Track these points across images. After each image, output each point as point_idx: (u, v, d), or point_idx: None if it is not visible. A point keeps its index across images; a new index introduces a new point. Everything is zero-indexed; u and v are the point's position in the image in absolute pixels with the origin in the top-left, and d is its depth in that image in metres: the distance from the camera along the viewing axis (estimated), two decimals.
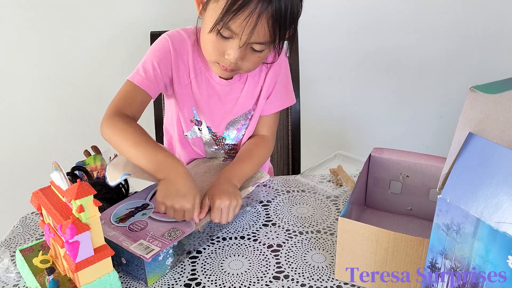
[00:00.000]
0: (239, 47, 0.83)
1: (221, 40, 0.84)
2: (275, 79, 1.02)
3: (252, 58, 0.87)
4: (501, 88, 0.54)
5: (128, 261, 0.78)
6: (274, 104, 1.04)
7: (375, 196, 0.94)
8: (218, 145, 1.06)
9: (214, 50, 0.86)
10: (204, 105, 1.00)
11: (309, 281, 0.78)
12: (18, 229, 0.94)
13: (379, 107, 1.81)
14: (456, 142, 0.57)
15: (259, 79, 1.01)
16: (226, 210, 0.84)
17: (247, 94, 1.01)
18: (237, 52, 0.84)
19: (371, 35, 1.67)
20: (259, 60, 0.89)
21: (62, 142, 1.72)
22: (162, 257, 0.78)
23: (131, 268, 0.78)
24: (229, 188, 0.87)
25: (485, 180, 0.54)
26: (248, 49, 0.85)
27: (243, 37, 0.81)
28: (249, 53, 0.86)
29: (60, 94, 1.66)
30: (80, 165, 1.00)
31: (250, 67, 0.90)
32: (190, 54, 0.96)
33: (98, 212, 0.67)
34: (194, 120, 1.03)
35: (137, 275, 0.78)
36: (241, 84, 1.00)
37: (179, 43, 0.95)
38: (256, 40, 0.82)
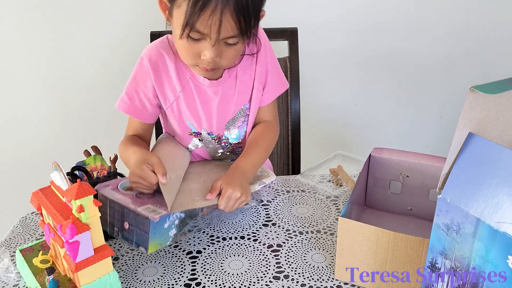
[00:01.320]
0: (212, 46, 0.83)
1: (193, 43, 0.84)
2: (265, 68, 1.01)
3: (229, 52, 0.86)
4: (501, 88, 0.54)
5: (132, 225, 0.77)
6: (271, 92, 1.04)
7: (375, 196, 0.94)
8: (223, 148, 1.06)
9: (189, 54, 0.86)
10: (199, 114, 0.99)
11: (309, 281, 0.78)
12: (18, 229, 0.94)
13: (379, 107, 1.81)
14: (456, 142, 0.57)
15: (250, 71, 1.00)
16: (234, 201, 0.86)
17: (242, 89, 1.00)
18: (211, 51, 0.84)
19: (371, 35, 1.68)
20: (236, 53, 0.88)
21: (62, 142, 1.72)
22: (168, 225, 0.77)
23: (133, 234, 0.77)
24: (243, 183, 0.89)
25: (485, 180, 0.54)
26: (222, 45, 0.85)
27: (212, 36, 0.81)
28: (224, 48, 0.85)
29: (60, 94, 1.66)
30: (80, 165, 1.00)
31: (230, 62, 0.90)
32: (172, 67, 0.95)
33: (98, 212, 0.67)
34: (192, 133, 1.02)
35: (138, 241, 0.76)
36: (232, 80, 0.99)
37: (157, 62, 0.95)
38: (226, 35, 0.82)
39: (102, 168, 1.04)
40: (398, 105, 1.82)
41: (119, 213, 0.78)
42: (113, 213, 0.79)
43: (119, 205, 0.78)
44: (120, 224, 0.79)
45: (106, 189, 0.83)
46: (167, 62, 0.96)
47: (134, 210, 0.76)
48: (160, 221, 0.75)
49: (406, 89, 1.79)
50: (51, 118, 1.69)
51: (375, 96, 1.79)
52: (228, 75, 0.98)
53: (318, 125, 1.79)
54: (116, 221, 0.79)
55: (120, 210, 0.78)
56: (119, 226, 0.79)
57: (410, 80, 1.77)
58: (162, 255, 0.85)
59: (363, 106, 1.80)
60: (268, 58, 1.01)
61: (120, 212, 0.77)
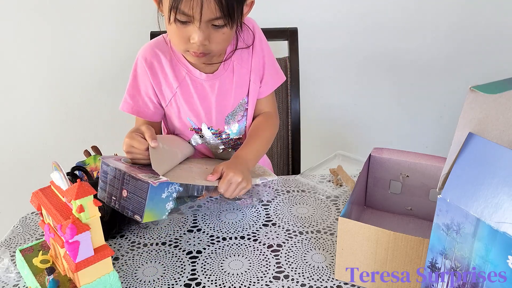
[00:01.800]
0: (198, 28, 0.84)
1: (181, 27, 0.85)
2: (262, 60, 1.03)
3: (217, 36, 0.87)
4: (501, 88, 0.54)
5: (130, 193, 0.77)
6: (269, 84, 1.05)
7: (375, 196, 0.94)
8: (224, 143, 1.06)
9: (179, 39, 0.88)
10: (198, 109, 1.00)
11: (309, 281, 0.78)
12: (18, 229, 0.94)
13: (379, 107, 1.81)
14: (456, 142, 0.57)
15: (247, 65, 1.01)
16: (235, 186, 0.86)
17: (239, 82, 1.01)
18: (199, 33, 0.85)
19: (371, 35, 1.67)
20: (225, 37, 0.89)
21: (62, 142, 1.72)
22: (165, 195, 0.77)
23: (130, 201, 0.77)
24: (245, 170, 0.89)
25: (485, 180, 0.54)
26: (210, 28, 0.86)
27: (196, 16, 0.82)
28: (212, 32, 0.86)
29: (60, 94, 1.66)
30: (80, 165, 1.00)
31: (219, 47, 0.90)
32: (168, 64, 0.98)
33: (98, 212, 0.67)
34: (193, 129, 1.03)
35: (134, 209, 0.76)
36: (229, 74, 1.00)
37: (152, 61, 0.97)
38: (210, 16, 0.83)
39: None
40: (398, 105, 1.82)
41: (118, 181, 0.78)
42: (113, 182, 0.79)
43: (120, 172, 0.78)
44: (119, 193, 0.79)
45: (110, 159, 0.84)
46: (162, 60, 0.98)
47: (134, 176, 0.76)
48: (159, 188, 0.75)
49: (406, 89, 1.79)
50: (51, 118, 1.69)
51: (375, 96, 1.79)
52: (224, 68, 0.99)
53: (318, 125, 1.79)
54: (115, 189, 0.79)
55: (120, 178, 0.78)
56: (117, 195, 0.79)
57: (410, 80, 1.77)
58: (162, 255, 0.86)
59: (363, 106, 1.80)
60: (264, 51, 1.03)
61: (120, 179, 0.77)
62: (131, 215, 0.77)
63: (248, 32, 1.01)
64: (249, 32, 1.00)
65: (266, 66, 1.03)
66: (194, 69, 0.98)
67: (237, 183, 0.86)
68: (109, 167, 0.80)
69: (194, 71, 0.98)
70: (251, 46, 1.01)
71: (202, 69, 0.98)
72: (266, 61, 1.03)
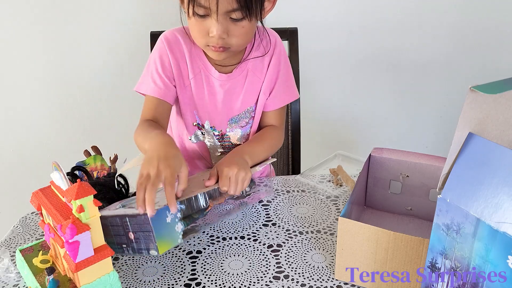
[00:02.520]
0: (216, 20, 0.85)
1: (200, 20, 0.86)
2: (276, 74, 1.03)
3: (236, 30, 0.87)
4: (501, 88, 0.54)
5: (136, 232, 0.75)
6: (278, 99, 1.04)
7: (375, 196, 0.94)
8: (224, 147, 1.06)
9: (199, 33, 0.88)
10: (205, 105, 1.01)
11: (309, 281, 0.78)
12: (18, 229, 0.94)
13: (379, 107, 1.81)
14: (456, 142, 0.57)
15: (260, 75, 1.01)
16: (234, 178, 0.83)
17: (249, 89, 1.01)
18: (217, 26, 0.85)
19: (371, 35, 1.67)
20: (244, 31, 0.88)
21: (62, 142, 1.72)
22: (170, 219, 0.74)
23: (140, 240, 0.75)
24: (239, 160, 0.88)
25: (485, 180, 0.54)
26: (228, 21, 0.86)
27: (213, 8, 0.83)
28: (231, 25, 0.86)
29: (60, 94, 1.66)
30: (80, 165, 1.00)
31: (239, 41, 0.90)
32: (187, 54, 0.98)
33: (98, 212, 0.67)
34: (196, 124, 1.03)
35: (147, 246, 0.74)
36: (242, 79, 1.00)
37: (175, 46, 0.98)
38: (227, 7, 0.83)
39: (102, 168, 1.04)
40: (398, 105, 1.82)
41: (121, 228, 0.76)
42: (117, 231, 0.77)
43: (119, 218, 0.76)
44: (127, 239, 0.77)
45: (105, 211, 0.82)
46: (183, 48, 0.98)
47: (131, 214, 0.74)
48: (159, 215, 0.72)
49: (406, 89, 1.79)
50: (51, 118, 1.69)
51: (375, 96, 1.79)
52: (239, 72, 1.00)
53: (318, 125, 1.79)
54: (122, 237, 0.77)
55: (121, 224, 0.76)
56: (127, 241, 0.77)
57: (410, 80, 1.77)
58: (162, 255, 0.85)
59: (363, 106, 1.80)
60: (281, 65, 1.03)
61: (121, 225, 0.76)
62: (146, 254, 0.75)
63: (269, 43, 1.01)
64: (269, 43, 1.01)
65: (279, 80, 1.03)
66: (210, 65, 0.99)
67: (235, 174, 0.83)
68: (107, 219, 0.78)
69: (209, 68, 0.99)
70: (269, 56, 1.01)
71: (218, 68, 0.99)
72: (280, 76, 1.03)
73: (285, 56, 1.05)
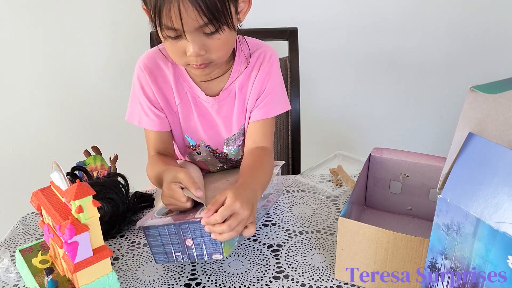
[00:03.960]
0: (189, 39, 0.79)
1: (174, 42, 0.81)
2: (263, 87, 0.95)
3: (213, 43, 0.81)
4: (501, 88, 0.54)
5: (195, 239, 0.74)
6: (266, 108, 0.96)
7: (375, 196, 0.94)
8: (222, 162, 1.04)
9: (177, 54, 0.83)
10: (196, 128, 0.97)
11: (309, 281, 0.78)
12: (18, 229, 0.94)
13: (379, 107, 1.81)
14: (456, 142, 0.57)
15: (246, 91, 0.95)
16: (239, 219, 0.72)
17: (239, 109, 0.96)
18: (192, 45, 0.79)
19: (371, 35, 1.67)
20: (222, 43, 0.82)
21: (62, 142, 1.72)
22: None
23: (200, 246, 0.74)
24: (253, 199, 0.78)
25: (485, 180, 0.54)
26: (202, 37, 0.80)
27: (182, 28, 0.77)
28: (207, 40, 0.81)
29: (60, 94, 1.66)
30: (80, 165, 1.00)
31: (219, 54, 0.84)
32: (172, 78, 0.93)
33: (97, 212, 0.67)
34: (191, 146, 1.00)
35: (210, 250, 0.74)
36: (230, 100, 0.95)
37: (157, 73, 0.93)
38: (196, 24, 0.77)
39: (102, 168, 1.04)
40: (398, 105, 1.82)
41: (175, 236, 0.75)
42: (169, 239, 0.77)
43: (175, 225, 0.75)
44: (181, 246, 0.76)
45: (148, 221, 0.80)
46: (165, 72, 0.93)
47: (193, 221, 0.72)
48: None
49: (406, 89, 1.79)
50: (51, 118, 1.69)
51: (375, 96, 1.79)
52: (226, 94, 0.95)
53: (318, 125, 1.79)
54: (176, 245, 0.77)
55: (176, 232, 0.75)
56: (181, 249, 0.77)
57: (410, 80, 1.77)
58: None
59: (363, 106, 1.80)
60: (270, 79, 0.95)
61: (177, 233, 0.75)
62: (208, 258, 0.75)
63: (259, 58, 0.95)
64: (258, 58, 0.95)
65: (264, 93, 0.95)
66: (196, 87, 0.93)
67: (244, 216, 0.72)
68: (157, 228, 0.77)
69: (196, 89, 0.94)
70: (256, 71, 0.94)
71: (204, 89, 0.94)
72: (268, 87, 0.95)
73: (276, 70, 0.97)
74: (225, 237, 0.70)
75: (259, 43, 0.97)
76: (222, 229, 0.70)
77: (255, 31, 1.06)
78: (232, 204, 0.71)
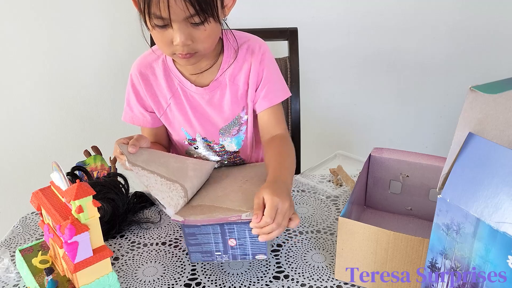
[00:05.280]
0: (176, 28, 0.82)
1: (161, 31, 0.84)
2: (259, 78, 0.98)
3: (199, 34, 0.84)
4: (501, 88, 0.54)
5: (239, 239, 0.75)
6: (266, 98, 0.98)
7: (375, 196, 0.94)
8: (220, 155, 1.05)
9: (163, 43, 0.86)
10: (190, 119, 1.00)
11: (309, 281, 0.78)
12: (18, 229, 0.94)
13: (379, 107, 1.81)
14: (456, 142, 0.57)
15: (240, 83, 0.98)
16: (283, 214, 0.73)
17: (232, 99, 0.98)
18: (179, 34, 0.82)
19: (371, 35, 1.67)
20: (208, 33, 0.85)
21: (62, 142, 1.72)
22: None
23: (244, 246, 0.75)
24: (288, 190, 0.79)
25: (485, 180, 0.54)
26: (189, 27, 0.83)
27: (169, 17, 0.80)
28: (193, 30, 0.84)
29: (60, 94, 1.66)
30: (80, 165, 1.00)
31: (205, 45, 0.87)
32: (162, 75, 0.98)
33: (97, 212, 0.67)
34: (188, 140, 1.03)
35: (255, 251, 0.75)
36: (221, 91, 0.97)
37: (147, 73, 0.98)
38: (183, 14, 0.80)
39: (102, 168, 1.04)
40: (398, 105, 1.82)
41: (219, 235, 0.76)
42: (210, 238, 0.77)
43: (220, 225, 0.75)
44: (224, 246, 0.77)
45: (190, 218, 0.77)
46: (156, 71, 0.98)
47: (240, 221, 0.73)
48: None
49: (406, 89, 1.79)
50: (51, 118, 1.69)
51: (375, 96, 1.79)
52: (217, 85, 0.97)
53: (318, 125, 1.79)
54: (217, 244, 0.77)
55: (219, 231, 0.75)
56: (223, 248, 0.77)
57: (410, 80, 1.77)
58: (162, 255, 0.85)
59: (363, 106, 1.80)
60: (264, 69, 0.98)
61: (221, 232, 0.75)
62: (251, 258, 0.77)
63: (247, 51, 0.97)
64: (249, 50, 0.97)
65: (262, 82, 0.98)
66: (185, 80, 0.97)
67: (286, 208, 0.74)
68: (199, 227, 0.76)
69: (185, 82, 0.97)
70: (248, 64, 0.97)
71: (194, 81, 0.97)
72: (264, 78, 0.98)
73: (269, 58, 0.99)
74: (274, 235, 0.72)
75: (246, 36, 1.00)
76: (272, 228, 0.71)
77: (255, 31, 1.06)
78: (274, 202, 0.72)
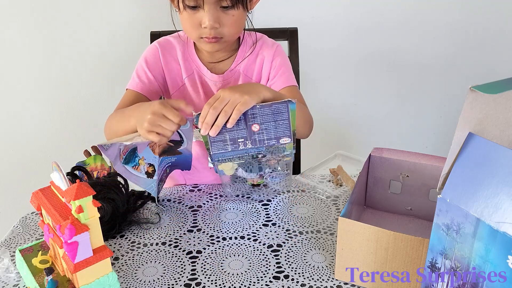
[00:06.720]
0: (207, 11, 0.87)
1: (192, 13, 0.88)
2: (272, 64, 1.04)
3: (227, 19, 0.90)
4: (501, 88, 0.54)
5: (263, 124, 0.80)
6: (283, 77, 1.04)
7: (375, 196, 0.94)
8: None
9: (191, 26, 0.90)
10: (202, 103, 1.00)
11: (309, 281, 0.78)
12: (18, 229, 0.94)
13: (379, 107, 1.81)
14: (456, 142, 0.57)
15: (252, 75, 1.04)
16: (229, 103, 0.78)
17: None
18: (209, 16, 0.87)
19: (371, 35, 1.67)
20: (235, 19, 0.91)
21: (62, 142, 1.72)
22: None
23: (268, 130, 0.80)
24: (249, 86, 0.85)
25: (485, 180, 0.54)
26: (219, 11, 0.88)
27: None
28: (222, 14, 0.89)
29: (60, 94, 1.66)
30: (80, 165, 1.00)
31: (231, 30, 0.93)
32: (180, 56, 1.02)
33: (97, 212, 0.67)
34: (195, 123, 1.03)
35: (278, 134, 0.81)
36: (235, 81, 1.03)
37: (168, 48, 1.02)
38: None
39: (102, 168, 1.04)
40: (398, 105, 1.82)
41: (243, 122, 0.79)
42: (235, 126, 0.80)
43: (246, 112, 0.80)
44: (248, 132, 0.80)
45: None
46: (176, 49, 1.03)
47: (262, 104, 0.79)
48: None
49: (406, 89, 1.79)
50: (51, 118, 1.69)
51: (375, 96, 1.79)
52: (231, 74, 1.02)
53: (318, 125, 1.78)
54: (240, 131, 0.81)
55: (244, 117, 0.80)
56: (246, 134, 0.81)
57: (410, 80, 1.77)
58: (162, 255, 0.85)
59: (363, 106, 1.80)
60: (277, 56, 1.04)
61: (244, 119, 0.80)
62: (276, 143, 0.80)
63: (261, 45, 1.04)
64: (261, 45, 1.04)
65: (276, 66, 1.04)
66: (202, 66, 1.01)
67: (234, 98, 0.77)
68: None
69: (202, 68, 1.02)
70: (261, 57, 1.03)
71: (210, 69, 1.02)
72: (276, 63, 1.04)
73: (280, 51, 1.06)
74: (219, 122, 0.78)
75: (262, 35, 1.08)
76: (211, 114, 0.78)
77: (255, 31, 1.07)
78: (217, 94, 0.79)
